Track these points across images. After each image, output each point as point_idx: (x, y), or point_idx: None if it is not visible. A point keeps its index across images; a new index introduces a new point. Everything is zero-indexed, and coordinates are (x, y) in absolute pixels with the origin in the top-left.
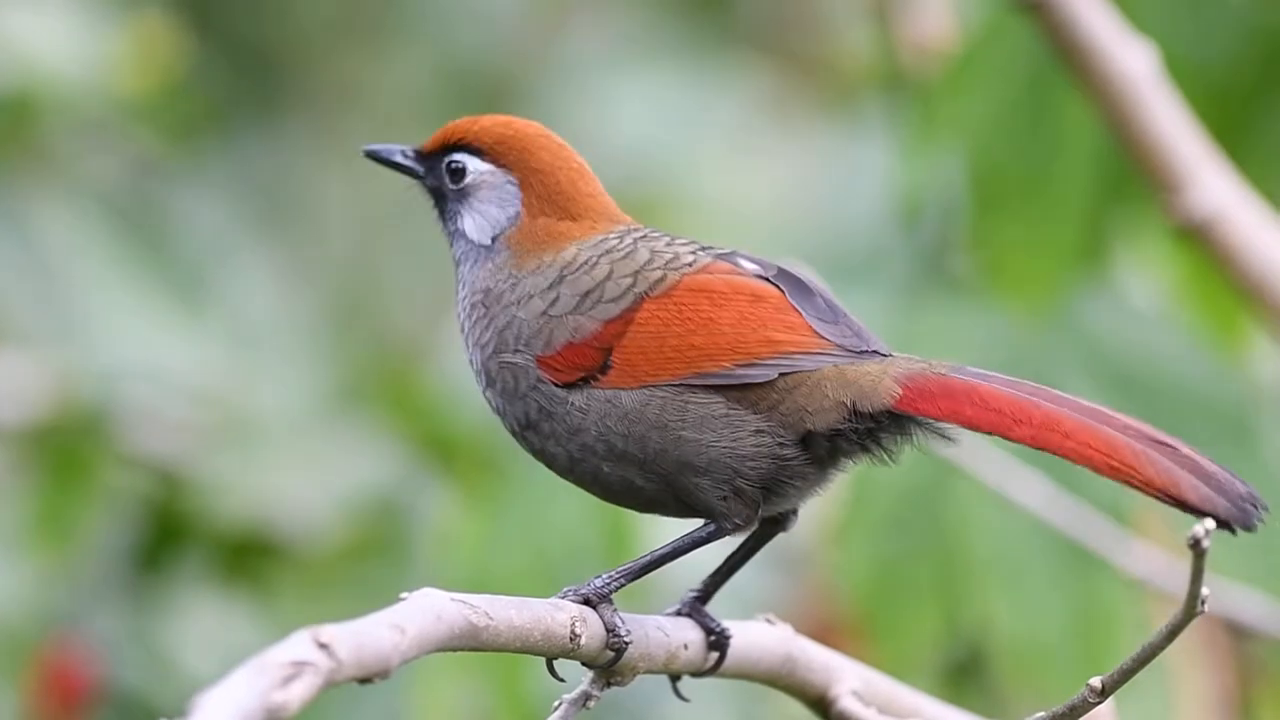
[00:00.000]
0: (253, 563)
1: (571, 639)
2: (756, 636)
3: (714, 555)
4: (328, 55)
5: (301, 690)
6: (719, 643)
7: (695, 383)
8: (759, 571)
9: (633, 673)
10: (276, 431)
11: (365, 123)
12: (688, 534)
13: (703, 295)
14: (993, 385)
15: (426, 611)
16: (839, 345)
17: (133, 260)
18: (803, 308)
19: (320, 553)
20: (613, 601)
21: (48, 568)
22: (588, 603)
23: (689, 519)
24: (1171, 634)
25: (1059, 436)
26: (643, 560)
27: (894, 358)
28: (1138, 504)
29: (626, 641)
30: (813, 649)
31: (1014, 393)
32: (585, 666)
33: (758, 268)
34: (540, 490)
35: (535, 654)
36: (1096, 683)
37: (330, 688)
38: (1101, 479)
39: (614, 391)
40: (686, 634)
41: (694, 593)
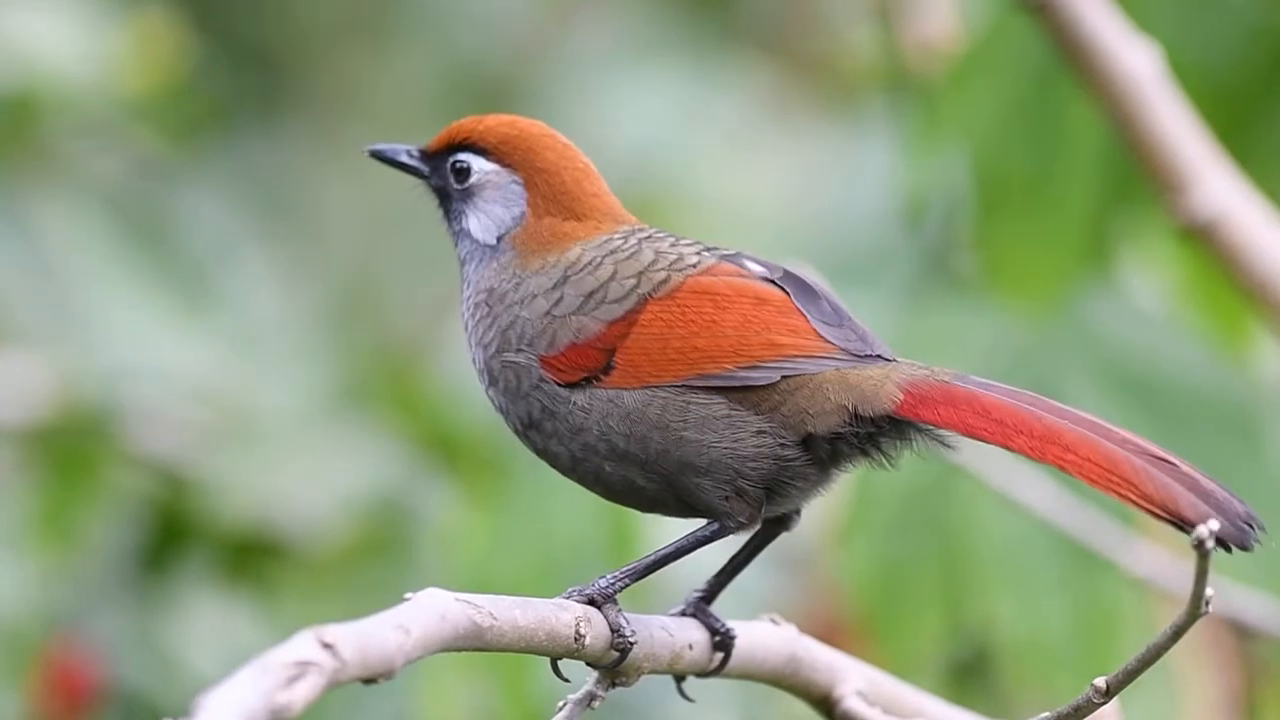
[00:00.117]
0: (256, 562)
1: (576, 639)
2: (761, 637)
3: (718, 555)
4: (330, 55)
5: (305, 690)
6: (724, 643)
7: (697, 384)
8: (763, 571)
9: (637, 673)
10: (280, 431)
11: (367, 123)
12: (691, 533)
13: (706, 297)
14: (994, 395)
15: (431, 611)
16: (842, 349)
17: (135, 260)
18: (807, 310)
19: (324, 553)
20: (617, 601)
21: (51, 567)
22: (592, 603)
23: (692, 519)
24: (1176, 634)
25: (1059, 449)
26: (647, 560)
27: (897, 363)
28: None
29: (631, 642)
30: (817, 649)
31: (1015, 403)
32: (590, 667)
33: (763, 269)
34: (544, 490)
35: (540, 654)
36: (1101, 683)
37: (334, 688)
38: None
39: (616, 392)
40: (691, 634)
41: (698, 593)
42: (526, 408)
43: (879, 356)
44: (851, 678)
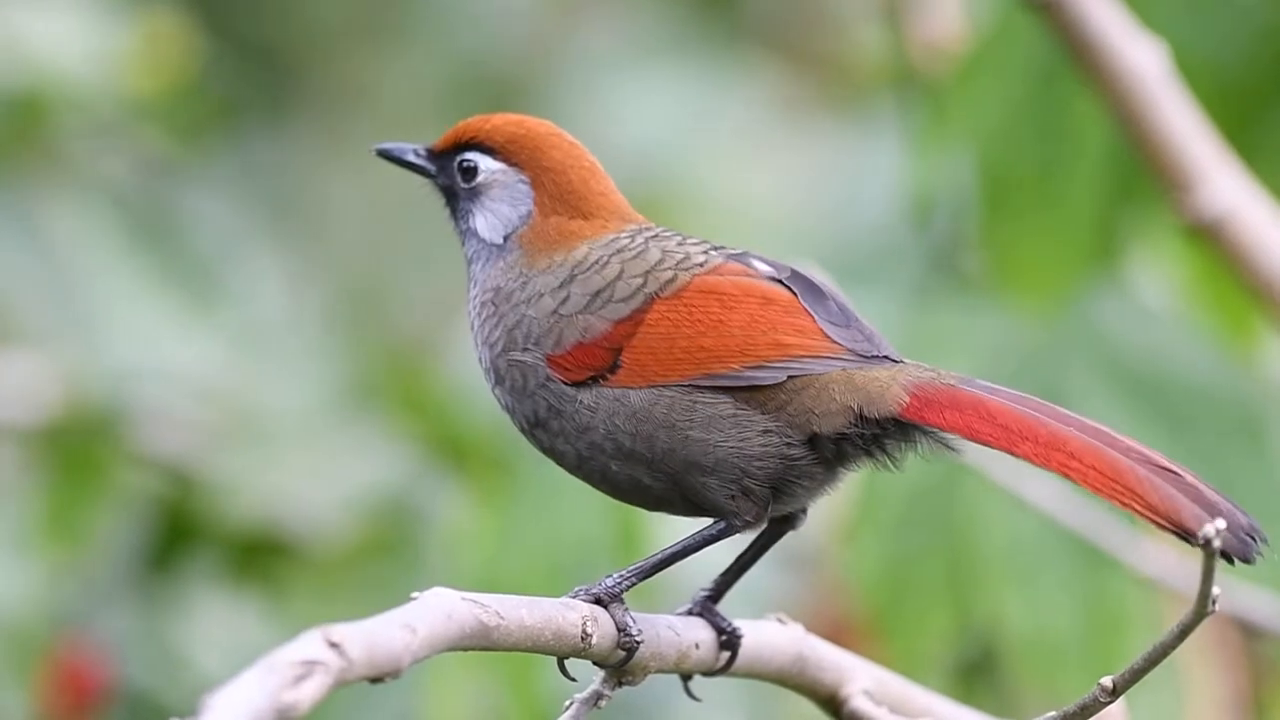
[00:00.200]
0: (263, 562)
1: (583, 638)
2: (768, 636)
3: (725, 554)
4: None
5: (312, 690)
6: (730, 642)
7: (704, 383)
8: (770, 571)
9: (644, 672)
10: (287, 430)
11: (374, 122)
12: (698, 532)
13: (713, 297)
14: (1000, 400)
15: (437, 611)
16: (849, 349)
17: (142, 259)
18: (814, 310)
19: (331, 552)
20: (624, 601)
21: (58, 567)
22: (599, 602)
23: (698, 518)
24: (1183, 633)
25: (1064, 456)
26: (654, 559)
27: (904, 364)
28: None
29: (638, 641)
30: (824, 648)
31: (1021, 409)
32: (596, 666)
33: (770, 269)
34: (551, 489)
35: (546, 653)
36: (1108, 682)
37: (341, 687)
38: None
39: (622, 391)
40: (698, 633)
41: (705, 592)
42: (533, 406)
43: (886, 358)
44: (858, 677)
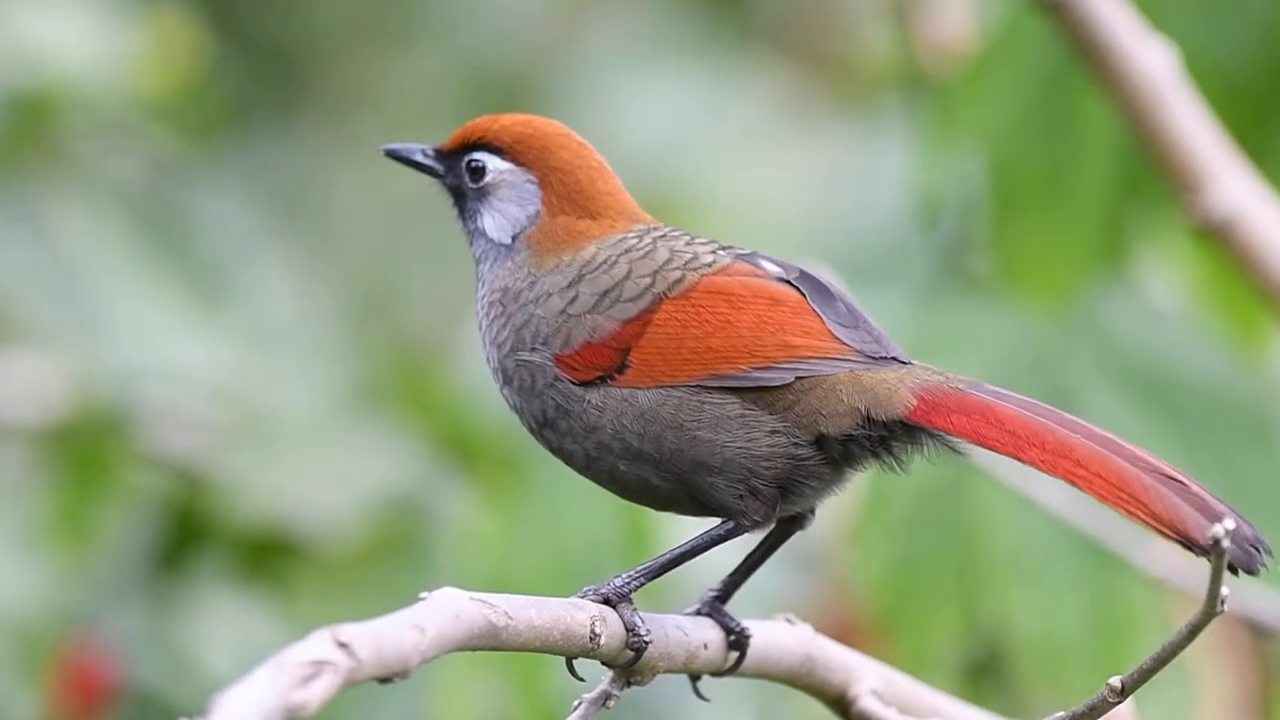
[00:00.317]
0: (272, 562)
1: (591, 638)
2: (776, 636)
3: (733, 554)
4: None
5: (321, 689)
6: (739, 642)
7: (712, 384)
8: (778, 571)
9: (652, 672)
10: (295, 431)
11: (382, 122)
12: (707, 532)
13: (721, 297)
14: (1008, 405)
15: (446, 611)
16: (857, 351)
17: (151, 260)
18: (823, 311)
19: (340, 552)
20: (632, 601)
21: (67, 567)
22: (607, 602)
23: (706, 518)
24: (1191, 633)
25: (1070, 463)
26: (662, 559)
27: (912, 367)
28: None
29: (646, 641)
30: (832, 648)
31: (1029, 415)
32: (605, 666)
33: (779, 270)
34: (560, 490)
35: (555, 653)
36: (1116, 682)
37: (350, 687)
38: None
39: (630, 391)
40: (706, 633)
41: (713, 592)
42: (541, 406)
43: (894, 359)
44: (867, 677)
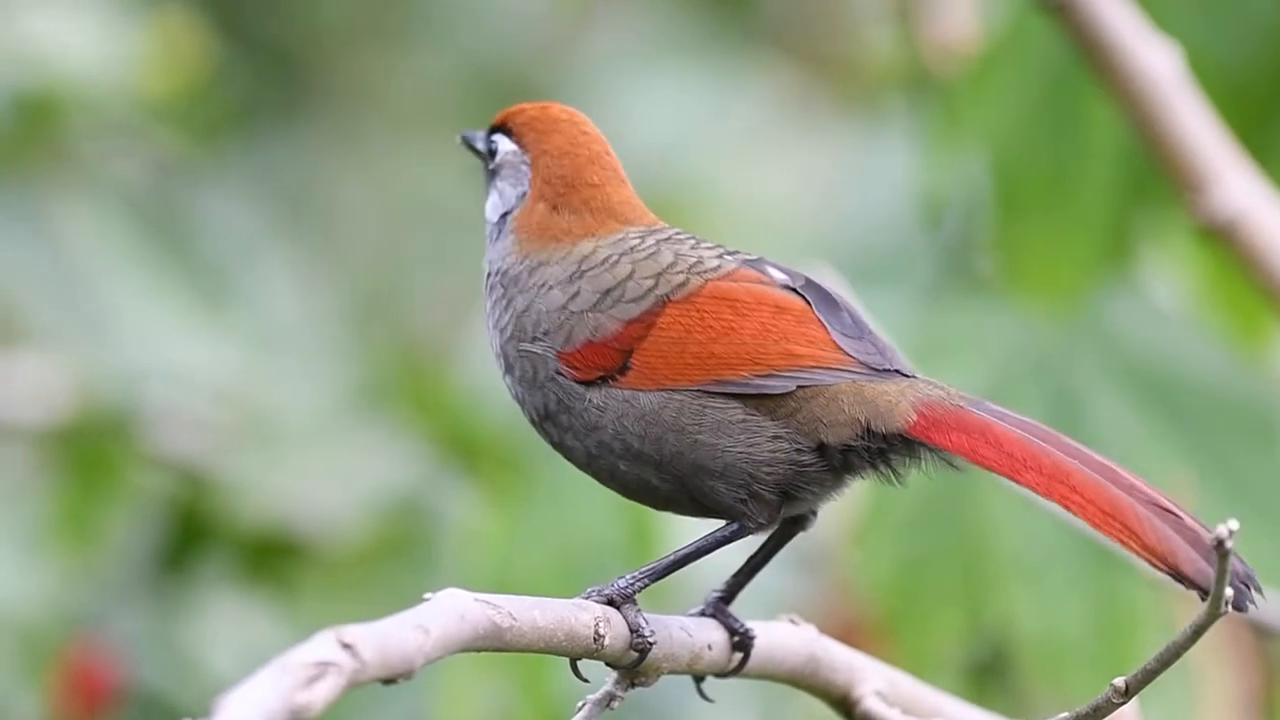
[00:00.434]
0: (276, 563)
1: (595, 639)
2: (780, 637)
3: (736, 555)
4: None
5: (325, 691)
6: (743, 643)
7: (713, 389)
8: (782, 571)
9: (656, 673)
10: (299, 431)
11: (386, 124)
12: (711, 534)
13: (725, 303)
14: (1007, 427)
15: (450, 612)
16: (860, 362)
17: (156, 261)
18: (827, 321)
19: (343, 553)
20: (636, 602)
21: (71, 568)
22: (611, 603)
23: (708, 519)
24: (1195, 634)
25: (1065, 489)
26: (666, 560)
27: (915, 380)
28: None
29: (650, 642)
30: (836, 649)
31: (1027, 437)
32: (609, 667)
33: (785, 277)
34: (564, 490)
35: (559, 654)
36: (1120, 683)
37: (354, 688)
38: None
39: (632, 392)
40: (710, 634)
41: (717, 593)
42: (543, 398)
43: (897, 372)
44: (871, 678)
